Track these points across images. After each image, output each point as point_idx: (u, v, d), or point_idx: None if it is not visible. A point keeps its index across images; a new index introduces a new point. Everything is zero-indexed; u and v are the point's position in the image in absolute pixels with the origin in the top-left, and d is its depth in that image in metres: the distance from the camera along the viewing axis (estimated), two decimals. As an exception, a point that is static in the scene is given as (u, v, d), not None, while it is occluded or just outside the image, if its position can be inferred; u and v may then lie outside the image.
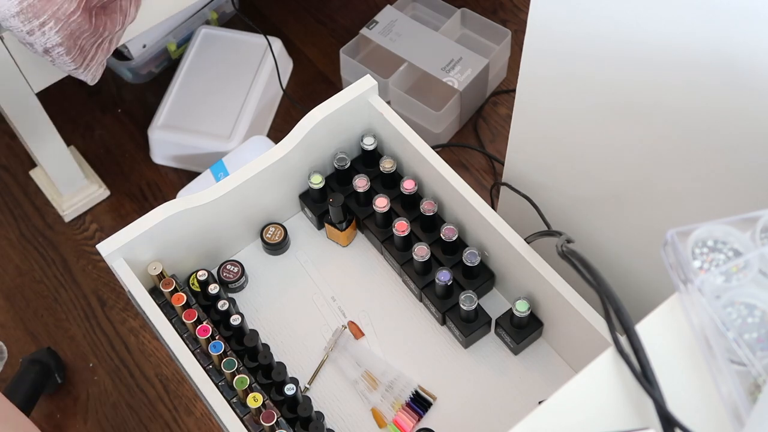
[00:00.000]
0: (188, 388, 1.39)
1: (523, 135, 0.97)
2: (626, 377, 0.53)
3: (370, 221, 1.00)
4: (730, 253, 0.55)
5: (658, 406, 0.51)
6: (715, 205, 0.79)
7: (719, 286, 0.54)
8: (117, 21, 1.21)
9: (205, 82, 1.62)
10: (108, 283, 1.49)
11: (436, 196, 0.97)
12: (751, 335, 0.52)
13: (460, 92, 1.51)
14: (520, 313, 0.89)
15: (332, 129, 0.98)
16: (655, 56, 0.72)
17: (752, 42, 0.63)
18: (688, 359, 0.53)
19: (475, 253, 0.93)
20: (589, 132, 0.87)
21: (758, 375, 0.51)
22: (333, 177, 1.03)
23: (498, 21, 1.68)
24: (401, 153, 0.99)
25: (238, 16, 1.78)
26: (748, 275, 0.54)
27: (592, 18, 0.75)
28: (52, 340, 1.44)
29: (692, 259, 0.55)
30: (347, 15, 1.81)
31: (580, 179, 0.94)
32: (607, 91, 0.80)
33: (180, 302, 0.91)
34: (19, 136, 1.40)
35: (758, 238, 0.55)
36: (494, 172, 1.57)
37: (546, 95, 0.89)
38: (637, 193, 0.88)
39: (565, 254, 0.72)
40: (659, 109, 0.76)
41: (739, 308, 0.53)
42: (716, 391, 0.52)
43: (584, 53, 0.79)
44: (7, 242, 1.54)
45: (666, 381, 0.52)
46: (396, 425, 0.90)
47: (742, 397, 0.50)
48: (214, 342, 0.88)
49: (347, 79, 1.64)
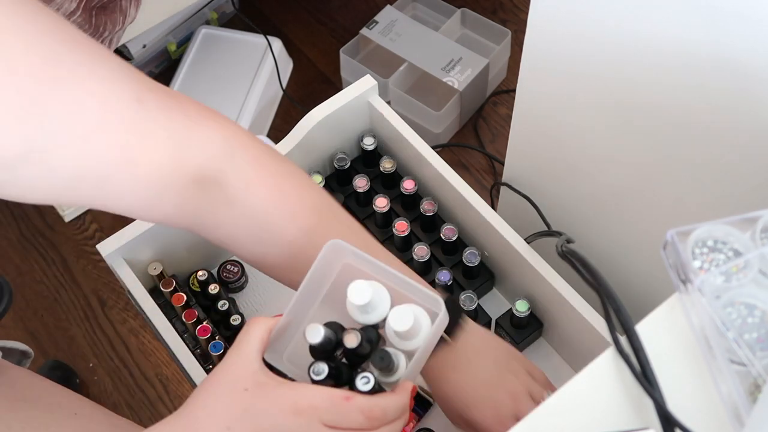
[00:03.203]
0: (188, 388, 1.39)
1: (523, 135, 0.97)
2: (626, 377, 0.53)
3: (370, 221, 1.00)
4: (730, 253, 0.55)
5: (658, 406, 0.51)
6: (715, 205, 0.79)
7: (719, 286, 0.54)
8: (117, 21, 1.21)
9: (205, 82, 1.62)
10: (108, 283, 1.49)
11: (436, 196, 0.97)
12: (751, 335, 0.52)
13: (460, 92, 1.51)
14: (520, 313, 0.89)
15: (332, 129, 0.98)
16: (655, 56, 0.72)
17: (752, 42, 0.63)
18: (688, 359, 0.53)
19: (475, 253, 0.93)
20: (589, 132, 0.87)
21: (758, 375, 0.51)
22: (333, 177, 1.03)
23: (498, 21, 1.68)
24: (401, 153, 0.99)
25: (238, 16, 1.78)
26: (748, 275, 0.54)
27: (592, 18, 0.75)
28: (52, 340, 1.44)
29: (692, 259, 0.55)
30: (347, 15, 1.81)
31: (580, 179, 0.94)
32: (607, 91, 0.80)
33: (180, 302, 0.91)
34: (19, 136, 1.40)
35: (758, 238, 0.55)
36: (494, 172, 1.56)
37: (546, 95, 0.89)
38: (637, 193, 0.88)
39: (565, 254, 0.72)
40: (659, 109, 0.76)
41: (739, 308, 0.53)
42: (716, 391, 0.52)
43: (584, 53, 0.79)
44: (7, 242, 1.54)
45: (666, 381, 0.52)
46: (396, 425, 0.90)
47: (742, 397, 0.50)
48: (214, 342, 0.88)
49: (347, 79, 1.64)
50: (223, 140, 0.65)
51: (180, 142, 0.62)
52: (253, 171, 0.67)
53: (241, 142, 0.66)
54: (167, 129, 0.61)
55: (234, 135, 0.66)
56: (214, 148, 0.64)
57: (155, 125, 0.60)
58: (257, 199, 0.67)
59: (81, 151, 0.56)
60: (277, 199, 0.68)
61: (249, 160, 0.66)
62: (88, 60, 0.56)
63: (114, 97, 0.57)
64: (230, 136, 0.65)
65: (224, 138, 0.65)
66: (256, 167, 0.67)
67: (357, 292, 0.58)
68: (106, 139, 0.57)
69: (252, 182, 0.67)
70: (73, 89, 0.54)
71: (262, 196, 0.67)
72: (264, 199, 0.67)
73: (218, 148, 0.64)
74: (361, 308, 0.59)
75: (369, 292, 0.58)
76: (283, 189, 0.69)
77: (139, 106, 0.58)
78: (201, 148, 0.63)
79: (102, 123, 0.57)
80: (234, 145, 0.65)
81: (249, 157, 0.66)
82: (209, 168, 0.64)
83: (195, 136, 0.63)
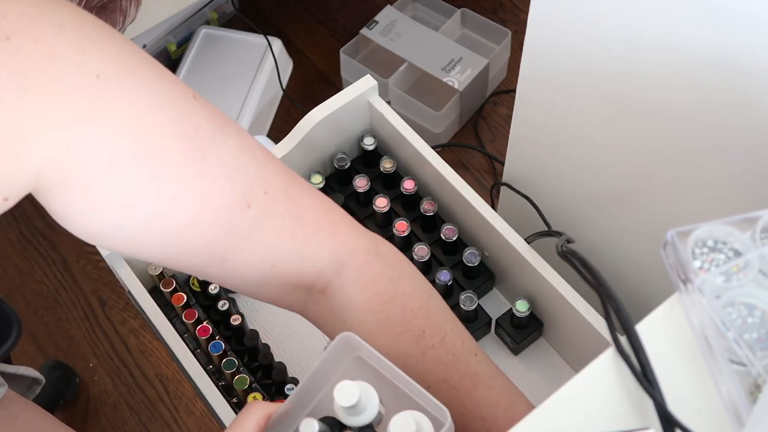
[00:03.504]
0: (188, 388, 1.39)
1: (523, 135, 0.97)
2: (626, 377, 0.53)
3: (370, 221, 1.00)
4: (730, 253, 0.55)
5: (658, 406, 0.51)
6: (715, 205, 0.79)
7: (719, 286, 0.54)
8: (117, 21, 1.21)
9: (205, 82, 1.62)
10: (108, 283, 1.49)
11: (436, 196, 0.97)
12: (751, 335, 0.52)
13: (460, 92, 1.51)
14: (520, 313, 0.89)
15: (332, 129, 0.98)
16: (655, 56, 0.72)
17: (752, 42, 0.63)
18: (688, 359, 0.53)
19: (475, 253, 0.93)
20: (589, 132, 0.87)
21: (758, 375, 0.51)
22: (333, 177, 1.03)
23: (498, 21, 1.68)
24: (401, 153, 0.99)
25: (238, 16, 1.78)
26: (748, 275, 0.54)
27: (592, 18, 0.75)
28: (52, 340, 1.44)
29: (692, 259, 0.55)
30: (347, 15, 1.81)
31: (580, 179, 0.94)
32: (608, 91, 0.80)
33: (180, 302, 0.91)
34: (19, 136, 1.40)
35: (758, 238, 0.55)
36: (494, 172, 1.56)
37: (546, 95, 0.89)
38: (637, 193, 0.88)
39: (565, 254, 0.72)
40: (659, 108, 0.76)
41: (739, 308, 0.53)
42: (716, 391, 0.52)
43: (584, 53, 0.79)
44: (7, 242, 1.54)
45: (666, 381, 0.52)
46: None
47: (742, 397, 0.50)
48: (214, 342, 0.88)
49: (347, 79, 1.64)
50: (331, 255, 0.61)
51: (282, 253, 0.59)
52: (359, 295, 0.63)
53: (355, 258, 0.63)
54: (274, 236, 0.58)
55: (348, 249, 0.62)
56: (321, 263, 0.61)
57: (257, 233, 0.57)
58: (363, 326, 0.64)
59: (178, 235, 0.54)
60: (382, 326, 0.64)
61: (357, 280, 0.63)
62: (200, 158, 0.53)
63: (215, 199, 0.54)
64: (342, 251, 0.62)
65: (333, 253, 0.61)
66: (363, 290, 0.63)
67: (343, 392, 0.54)
68: (200, 234, 0.55)
69: (358, 307, 0.64)
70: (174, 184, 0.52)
71: (369, 323, 0.64)
72: (370, 326, 0.64)
73: (326, 265, 0.62)
74: (348, 410, 0.56)
75: (356, 394, 0.54)
76: (389, 317, 0.64)
77: (245, 213, 0.55)
78: (306, 262, 0.61)
79: (198, 220, 0.54)
80: (345, 263, 0.62)
81: (358, 277, 0.63)
82: (313, 280, 0.62)
83: (303, 249, 0.60)
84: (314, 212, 0.60)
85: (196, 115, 0.53)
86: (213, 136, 0.54)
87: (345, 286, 0.63)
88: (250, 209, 0.56)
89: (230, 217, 0.55)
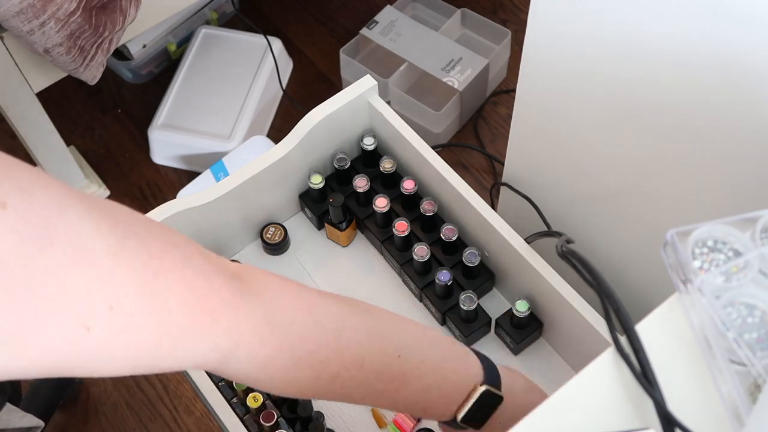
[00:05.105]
0: (188, 388, 1.39)
1: (523, 135, 0.97)
2: (626, 377, 0.53)
3: (370, 221, 1.00)
4: (730, 253, 0.55)
5: (658, 406, 0.51)
6: (715, 205, 0.79)
7: (719, 286, 0.54)
8: (117, 21, 1.21)
9: (205, 82, 1.62)
10: (108, 283, 1.49)
11: (436, 196, 0.97)
12: (751, 335, 0.52)
13: (460, 92, 1.51)
14: (520, 313, 0.89)
15: (332, 129, 0.98)
16: (655, 56, 0.72)
17: (752, 43, 0.63)
18: (688, 359, 0.53)
19: (475, 253, 0.93)
20: (589, 132, 0.87)
21: (758, 375, 0.51)
22: (333, 177, 1.03)
23: (498, 21, 1.68)
24: (401, 153, 0.99)
25: (238, 16, 1.78)
26: (748, 275, 0.54)
27: (592, 18, 0.75)
28: (52, 340, 1.44)
29: (692, 259, 0.55)
30: (347, 15, 1.81)
31: (580, 179, 0.94)
32: (607, 91, 0.80)
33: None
34: (19, 136, 1.40)
35: (758, 238, 0.55)
36: (494, 172, 1.57)
37: (546, 95, 0.89)
38: (637, 193, 0.88)
39: (564, 254, 0.72)
40: (659, 109, 0.76)
41: (739, 308, 0.53)
42: (716, 391, 0.52)
43: (584, 53, 0.79)
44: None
45: (666, 381, 0.52)
46: (396, 425, 0.90)
47: (742, 397, 0.50)
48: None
49: (347, 79, 1.65)
50: (214, 350, 0.55)
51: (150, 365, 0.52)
52: (260, 372, 0.58)
53: (241, 344, 0.56)
54: (133, 350, 0.50)
55: (232, 337, 0.55)
56: (203, 358, 0.55)
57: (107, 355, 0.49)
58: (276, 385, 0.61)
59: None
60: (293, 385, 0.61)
61: (253, 365, 0.57)
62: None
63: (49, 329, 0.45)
64: (224, 343, 0.55)
65: (215, 347, 0.55)
66: (262, 370, 0.58)
67: None
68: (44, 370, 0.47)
69: (264, 381, 0.60)
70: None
71: (279, 387, 0.61)
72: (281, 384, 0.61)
73: (210, 359, 0.55)
74: None
75: None
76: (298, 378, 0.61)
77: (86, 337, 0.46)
78: (185, 361, 0.54)
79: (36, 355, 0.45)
80: (231, 352, 0.56)
81: (252, 360, 0.57)
82: (204, 367, 0.57)
83: (173, 353, 0.52)
84: (184, 309, 0.51)
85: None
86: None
87: (243, 370, 0.58)
88: (90, 332, 0.46)
89: (70, 346, 0.46)
